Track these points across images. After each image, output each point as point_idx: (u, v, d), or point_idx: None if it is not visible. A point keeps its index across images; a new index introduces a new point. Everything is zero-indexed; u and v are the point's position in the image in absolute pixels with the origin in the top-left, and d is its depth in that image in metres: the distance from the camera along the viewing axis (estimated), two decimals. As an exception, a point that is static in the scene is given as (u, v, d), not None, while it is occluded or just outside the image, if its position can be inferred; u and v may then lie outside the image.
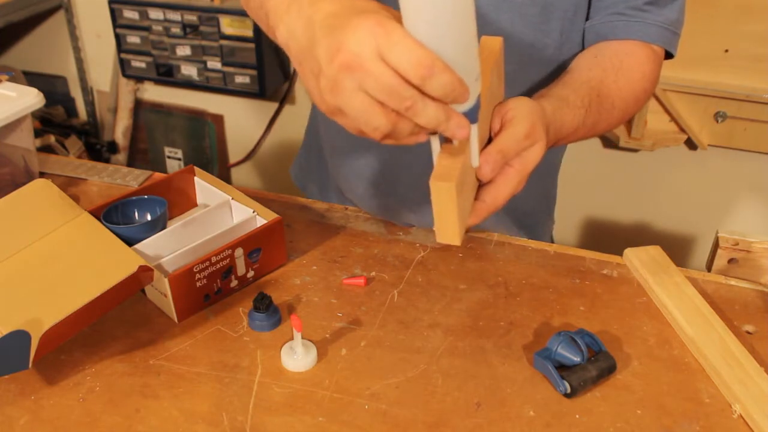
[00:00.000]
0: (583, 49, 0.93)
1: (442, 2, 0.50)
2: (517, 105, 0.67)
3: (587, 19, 0.90)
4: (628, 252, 0.97)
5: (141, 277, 0.81)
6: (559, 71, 0.92)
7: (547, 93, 0.79)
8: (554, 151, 1.07)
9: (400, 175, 0.99)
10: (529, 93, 0.91)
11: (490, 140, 0.67)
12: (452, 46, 0.52)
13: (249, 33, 2.07)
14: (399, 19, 0.53)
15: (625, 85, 0.86)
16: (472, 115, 0.59)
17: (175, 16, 2.15)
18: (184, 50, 2.19)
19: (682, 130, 1.86)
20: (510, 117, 0.66)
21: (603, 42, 0.90)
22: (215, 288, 0.88)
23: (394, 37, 0.50)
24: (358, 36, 0.51)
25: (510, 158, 0.65)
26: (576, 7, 0.86)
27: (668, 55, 0.92)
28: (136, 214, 0.96)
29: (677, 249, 2.07)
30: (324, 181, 1.17)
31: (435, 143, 0.62)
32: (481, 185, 0.68)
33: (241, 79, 2.16)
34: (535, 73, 0.90)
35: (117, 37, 2.25)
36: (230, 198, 0.97)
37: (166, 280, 0.82)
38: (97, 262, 0.84)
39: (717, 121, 1.81)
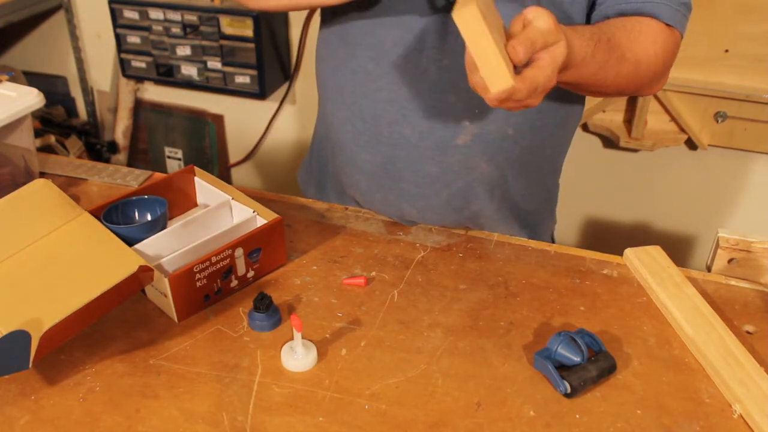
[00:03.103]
0: None
1: None
2: (536, 9, 0.70)
3: (592, 7, 0.90)
4: (628, 252, 0.97)
5: (141, 277, 0.81)
6: None
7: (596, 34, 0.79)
8: (557, 150, 1.07)
9: (402, 170, 0.99)
10: None
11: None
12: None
13: (249, 33, 2.07)
14: None
15: (636, 43, 0.85)
16: None
17: (175, 16, 2.15)
18: (184, 50, 2.19)
19: (682, 130, 1.86)
20: (531, 18, 0.70)
21: (638, 19, 0.88)
22: (215, 288, 0.88)
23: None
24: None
25: (538, 48, 0.69)
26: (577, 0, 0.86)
27: None
28: (136, 214, 0.96)
29: (677, 249, 2.07)
30: (323, 184, 1.17)
31: None
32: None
33: (241, 79, 2.16)
34: None
35: (117, 37, 2.25)
36: (230, 198, 0.97)
37: (166, 280, 0.82)
38: (97, 262, 0.84)
39: (717, 121, 1.81)
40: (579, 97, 1.00)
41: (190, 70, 2.23)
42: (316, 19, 2.05)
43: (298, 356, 0.79)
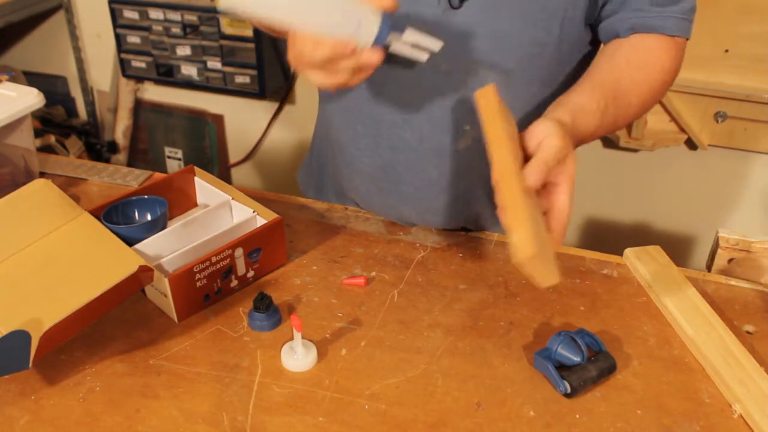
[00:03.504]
0: (587, 44, 0.93)
1: (293, 20, 0.72)
2: (545, 127, 0.75)
3: (600, 13, 0.90)
4: (628, 252, 0.97)
5: (141, 277, 0.81)
6: (558, 68, 0.92)
7: (564, 101, 0.83)
8: None
9: (402, 173, 0.99)
10: (529, 91, 0.92)
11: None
12: (318, 27, 0.71)
13: (249, 33, 2.07)
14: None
15: (643, 81, 0.88)
16: (380, 40, 0.73)
17: (175, 16, 2.15)
18: (184, 50, 2.19)
19: (682, 130, 1.86)
20: (543, 137, 0.74)
21: (621, 39, 0.90)
22: (215, 288, 0.88)
23: (294, 37, 0.73)
24: (288, 40, 0.75)
25: (551, 167, 0.73)
26: (575, 4, 0.86)
27: None
28: (136, 214, 0.96)
29: (677, 249, 2.07)
30: (322, 185, 1.17)
31: (395, 50, 0.76)
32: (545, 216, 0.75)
33: (241, 79, 2.16)
34: (534, 71, 0.90)
35: (117, 37, 2.25)
36: (230, 198, 0.97)
37: (166, 280, 0.82)
38: (97, 262, 0.84)
39: (717, 121, 1.81)
40: None
41: (190, 70, 2.23)
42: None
43: (298, 356, 0.79)
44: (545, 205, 0.75)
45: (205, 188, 1.02)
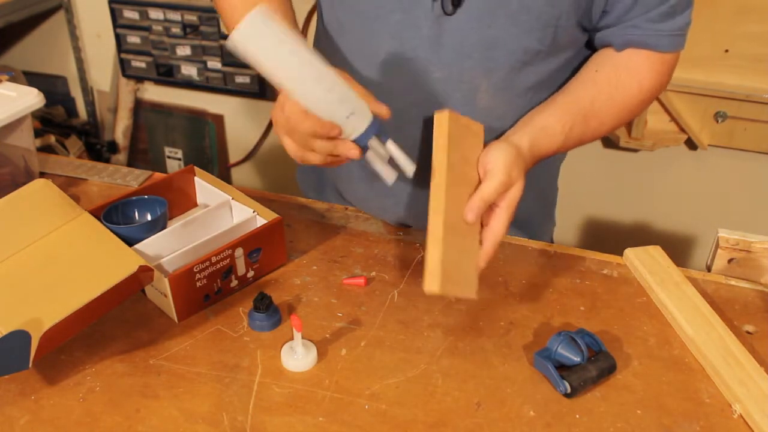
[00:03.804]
0: (581, 50, 0.94)
1: (291, 84, 0.72)
2: (494, 158, 0.80)
3: (596, 24, 0.90)
4: (628, 252, 0.97)
5: (141, 277, 0.81)
6: (552, 75, 0.92)
7: (529, 121, 0.88)
8: (554, 155, 1.07)
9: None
10: (523, 97, 0.91)
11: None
12: (315, 102, 0.73)
13: (249, 33, 2.07)
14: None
15: (620, 102, 0.91)
16: (363, 139, 0.76)
17: (175, 16, 2.15)
18: (184, 50, 2.19)
19: (682, 130, 1.86)
20: (489, 169, 0.80)
21: (609, 51, 0.91)
22: (215, 288, 0.88)
23: (285, 101, 0.76)
24: (276, 101, 0.78)
25: (490, 203, 0.79)
26: (568, 13, 0.86)
27: None
28: (136, 214, 0.96)
29: (677, 249, 2.07)
30: (322, 187, 1.17)
31: (369, 156, 0.79)
32: (481, 229, 0.80)
33: (241, 79, 2.16)
34: (527, 78, 0.90)
35: (117, 37, 2.25)
36: (230, 198, 0.97)
37: (166, 280, 0.82)
38: (97, 262, 0.84)
39: (717, 121, 1.81)
40: None
41: (190, 70, 2.23)
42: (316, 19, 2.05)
43: (298, 356, 0.79)
44: (485, 221, 0.80)
45: (205, 188, 1.02)
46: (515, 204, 0.80)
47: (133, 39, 2.24)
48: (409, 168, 0.80)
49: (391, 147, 0.79)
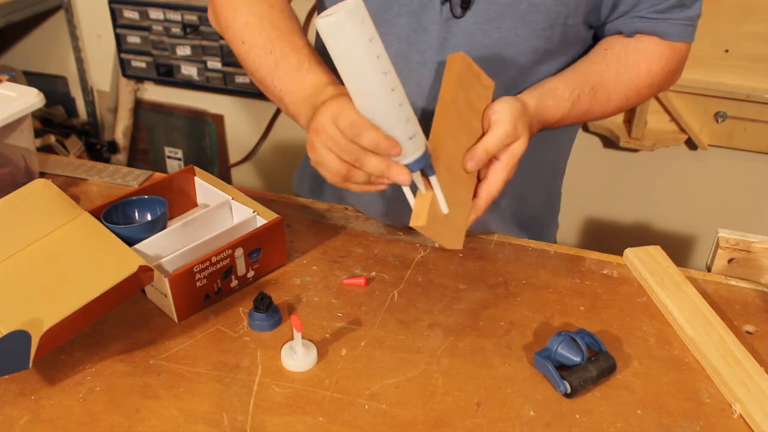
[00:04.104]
0: (588, 46, 0.94)
1: (366, 89, 0.68)
2: (500, 108, 0.79)
3: (606, 20, 0.90)
4: (628, 252, 0.97)
5: (141, 277, 0.81)
6: (558, 72, 0.92)
7: (539, 84, 0.88)
8: (558, 154, 1.07)
9: None
10: None
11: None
12: (382, 115, 0.70)
13: (249, 33, 2.07)
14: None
15: (627, 80, 0.91)
16: (415, 165, 0.73)
17: (175, 16, 2.15)
18: (184, 50, 2.19)
19: (682, 130, 1.86)
20: (494, 120, 0.78)
21: (619, 36, 0.92)
22: (215, 288, 0.88)
23: (343, 110, 0.71)
24: (324, 111, 0.74)
25: (492, 154, 0.78)
26: (576, 11, 0.86)
27: None
28: (136, 214, 0.96)
29: (677, 249, 2.07)
30: (320, 191, 1.17)
31: (407, 192, 0.78)
32: (477, 183, 0.79)
33: (241, 79, 2.16)
34: (537, 78, 0.90)
35: (117, 37, 2.25)
36: (230, 198, 0.97)
37: (166, 280, 0.82)
38: (97, 262, 0.84)
39: (717, 121, 1.81)
40: None
41: (190, 70, 2.23)
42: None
43: (298, 356, 0.79)
44: (482, 174, 0.79)
45: (205, 188, 1.02)
46: (516, 160, 0.79)
47: (133, 39, 2.25)
48: (445, 209, 0.77)
49: (434, 182, 0.75)
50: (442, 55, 0.87)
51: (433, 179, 0.75)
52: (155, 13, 2.17)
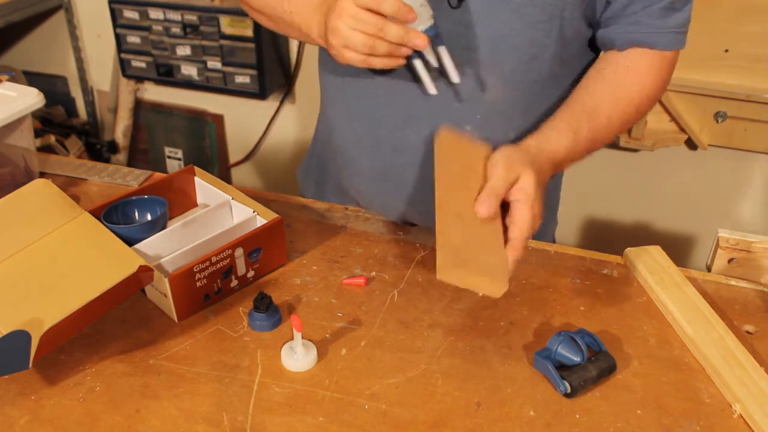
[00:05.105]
0: (588, 42, 0.95)
1: None
2: (495, 154, 0.81)
3: (600, 17, 0.90)
4: (628, 252, 0.97)
5: (141, 277, 0.81)
6: (560, 69, 0.92)
7: (538, 129, 0.89)
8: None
9: (403, 174, 0.99)
10: (532, 90, 0.92)
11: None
12: None
13: (249, 33, 2.07)
14: None
15: (623, 97, 0.92)
16: (429, 31, 0.81)
17: (175, 16, 2.15)
18: (184, 50, 2.19)
19: (682, 130, 1.86)
20: (490, 165, 0.80)
21: (611, 53, 0.93)
22: (215, 288, 0.88)
23: None
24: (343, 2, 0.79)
25: (501, 194, 0.78)
26: (572, 5, 0.86)
27: None
28: (136, 214, 0.96)
29: (677, 249, 2.07)
30: (323, 185, 1.17)
31: (417, 64, 0.85)
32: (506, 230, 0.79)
33: (241, 79, 2.16)
34: (535, 71, 0.90)
35: (117, 37, 2.25)
36: (230, 198, 0.97)
37: (166, 280, 0.82)
38: (97, 262, 0.84)
39: (717, 121, 1.81)
40: None
41: (190, 70, 2.23)
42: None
43: (298, 356, 0.79)
44: (509, 221, 0.79)
45: (205, 188, 1.02)
46: (531, 194, 0.79)
47: (133, 39, 2.25)
48: (456, 78, 0.84)
49: (443, 52, 0.83)
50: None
51: (440, 49, 0.83)
52: (155, 13, 2.17)
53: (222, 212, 0.96)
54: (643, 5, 0.87)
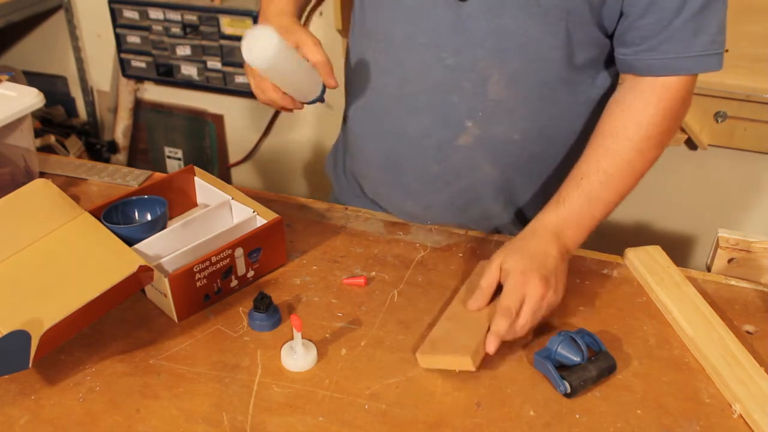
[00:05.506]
0: (602, 50, 0.92)
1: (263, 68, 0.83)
2: (506, 267, 0.83)
3: (612, 25, 0.88)
4: (628, 252, 0.97)
5: (141, 277, 0.81)
6: (571, 74, 0.91)
7: (555, 198, 0.91)
8: (570, 159, 1.06)
9: (405, 166, 1.00)
10: (540, 93, 0.90)
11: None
12: (285, 84, 0.88)
13: (249, 33, 2.07)
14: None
15: (635, 153, 0.90)
16: (315, 101, 0.93)
17: (175, 16, 2.15)
18: (184, 50, 2.19)
19: (682, 130, 1.86)
20: (503, 277, 0.82)
21: (627, 88, 0.89)
22: (215, 288, 0.88)
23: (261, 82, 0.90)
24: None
25: (517, 309, 0.79)
26: (580, 9, 0.85)
27: None
28: (136, 214, 0.96)
29: (677, 249, 2.07)
30: (343, 168, 1.17)
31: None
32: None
33: (241, 79, 2.16)
34: (542, 71, 0.89)
35: (117, 37, 2.25)
36: (230, 198, 0.97)
37: (166, 280, 0.82)
38: (97, 262, 0.84)
39: (717, 121, 1.81)
40: (599, 104, 0.96)
41: (190, 70, 2.23)
42: (317, 18, 2.04)
43: (298, 356, 0.79)
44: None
45: (205, 188, 1.02)
46: (536, 298, 0.80)
47: (133, 39, 2.24)
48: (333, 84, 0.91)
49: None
50: (449, 38, 0.88)
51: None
52: (155, 13, 2.17)
53: (222, 212, 0.96)
54: (657, 19, 0.82)
